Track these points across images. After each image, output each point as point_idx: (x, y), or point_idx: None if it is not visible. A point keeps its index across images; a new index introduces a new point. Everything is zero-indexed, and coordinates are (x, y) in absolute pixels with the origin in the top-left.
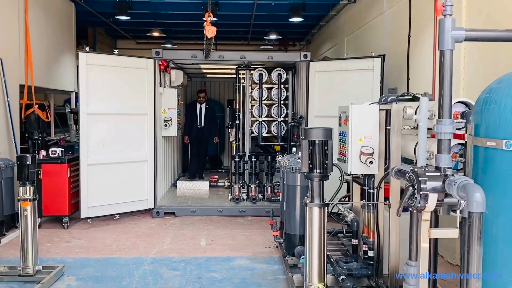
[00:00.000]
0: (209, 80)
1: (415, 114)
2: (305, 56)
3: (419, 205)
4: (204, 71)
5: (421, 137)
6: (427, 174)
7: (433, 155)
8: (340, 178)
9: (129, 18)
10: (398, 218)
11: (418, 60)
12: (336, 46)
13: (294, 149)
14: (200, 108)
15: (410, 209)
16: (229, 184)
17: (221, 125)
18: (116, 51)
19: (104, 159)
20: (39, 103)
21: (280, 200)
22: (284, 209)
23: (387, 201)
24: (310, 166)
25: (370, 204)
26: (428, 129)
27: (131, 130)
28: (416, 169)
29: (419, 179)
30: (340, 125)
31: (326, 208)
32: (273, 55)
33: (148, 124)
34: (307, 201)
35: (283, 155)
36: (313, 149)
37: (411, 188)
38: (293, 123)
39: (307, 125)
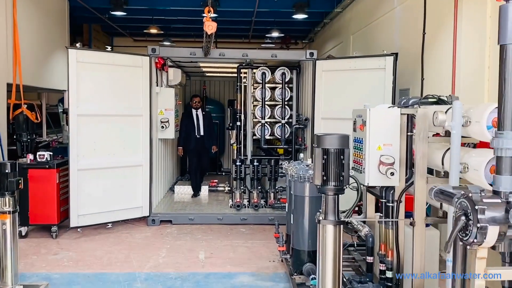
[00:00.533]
0: (208, 79)
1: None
2: (311, 54)
3: (475, 240)
4: (204, 69)
5: (455, 147)
6: (485, 201)
7: (467, 168)
8: (356, 189)
9: (125, 14)
10: (423, 236)
11: (434, 59)
12: (341, 44)
13: (301, 155)
14: (197, 115)
15: (461, 243)
16: (229, 189)
17: (221, 127)
18: (108, 48)
19: (95, 163)
20: (28, 103)
21: (286, 210)
22: (291, 222)
23: (411, 218)
24: (324, 178)
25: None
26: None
27: (125, 132)
28: (470, 194)
29: (476, 207)
30: (355, 130)
31: (341, 225)
32: (277, 53)
33: (144, 126)
34: (320, 218)
35: (289, 162)
36: (328, 158)
37: (463, 218)
38: (298, 125)
39: (313, 127)
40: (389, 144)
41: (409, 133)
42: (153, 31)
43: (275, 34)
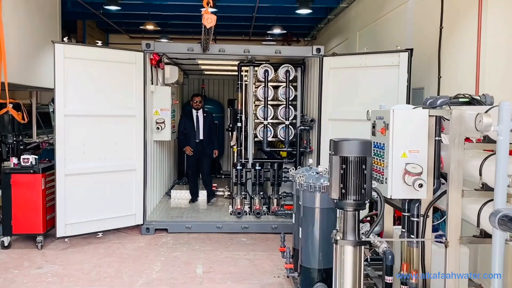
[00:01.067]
0: (207, 78)
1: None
2: (318, 50)
3: None
4: (202, 67)
5: (502, 155)
6: None
7: None
8: (376, 201)
9: (119, 8)
10: (457, 259)
11: (452, 55)
12: (346, 41)
13: (310, 160)
14: (197, 117)
15: None
16: (229, 193)
17: (220, 127)
18: (99, 43)
19: (84, 168)
20: (13, 103)
21: (293, 221)
22: (300, 236)
23: (444, 238)
24: (343, 191)
25: (413, 236)
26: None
27: (117, 134)
28: None
29: None
30: (374, 134)
31: (363, 246)
32: (281, 49)
33: (137, 127)
34: (338, 237)
35: (295, 167)
36: (347, 168)
37: None
38: (303, 127)
39: (319, 129)
40: (416, 150)
41: (437, 138)
42: (150, 27)
43: (277, 30)
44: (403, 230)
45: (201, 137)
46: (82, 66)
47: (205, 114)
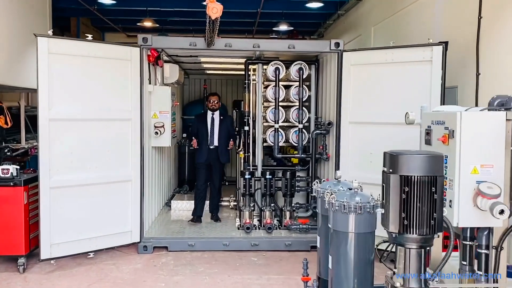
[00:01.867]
0: (209, 78)
1: None
2: (337, 44)
3: None
4: (205, 65)
5: None
6: None
7: None
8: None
9: (114, 3)
10: None
11: (493, 49)
12: (358, 38)
13: (338, 173)
14: (213, 119)
15: None
16: (235, 203)
17: None
18: (89, 36)
19: (73, 180)
20: None
21: (318, 245)
22: (330, 267)
23: None
24: (405, 222)
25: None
26: None
27: (110, 140)
28: None
29: None
30: (428, 143)
31: None
32: (295, 44)
33: (133, 132)
34: (397, 284)
35: (319, 181)
36: (411, 192)
37: None
38: (319, 131)
39: (338, 134)
40: (490, 165)
41: None
42: (148, 24)
43: (283, 27)
44: (464, 263)
45: (215, 143)
46: (70, 63)
47: (222, 117)
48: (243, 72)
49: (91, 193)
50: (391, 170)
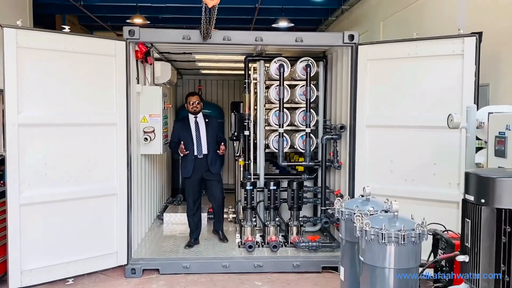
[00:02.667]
0: (204, 78)
1: None
2: (351, 37)
3: None
4: (200, 64)
5: None
6: None
7: None
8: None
9: None
10: None
11: None
12: (365, 34)
13: (367, 189)
14: (196, 124)
15: None
16: (234, 216)
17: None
18: (66, 28)
19: (47, 195)
20: None
21: (341, 280)
22: None
23: None
24: (506, 278)
25: None
26: None
27: (92, 149)
28: None
29: None
30: (501, 155)
31: None
32: (303, 37)
33: (119, 139)
34: None
35: (341, 197)
36: None
37: None
38: (329, 136)
39: (352, 139)
40: None
41: None
42: (138, 21)
43: (283, 23)
44: None
45: (204, 151)
46: (43, 59)
47: (207, 120)
48: (241, 72)
49: (70, 210)
50: (482, 201)
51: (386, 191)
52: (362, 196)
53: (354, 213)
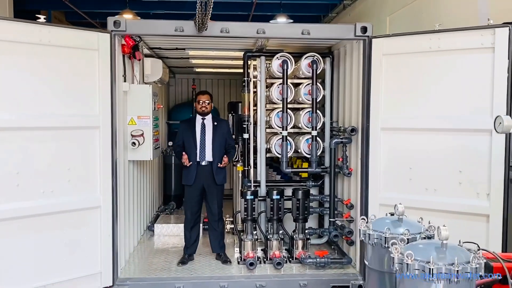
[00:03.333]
0: (199, 77)
1: None
2: (364, 29)
3: None
4: (194, 61)
5: None
6: None
7: None
8: None
9: None
10: None
11: None
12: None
13: (400, 207)
14: (203, 126)
15: None
16: (232, 226)
17: None
18: (42, 18)
19: (19, 209)
20: None
21: None
22: None
23: None
24: None
25: None
26: None
27: (71, 155)
28: None
29: None
30: None
31: None
32: (310, 29)
33: (102, 144)
34: None
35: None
36: None
37: None
38: (339, 139)
39: (366, 143)
40: None
41: None
42: (128, 16)
43: (281, 19)
44: None
45: (208, 157)
46: (14, 53)
47: (215, 123)
48: (239, 70)
49: (46, 225)
50: None
51: (404, 202)
52: (392, 214)
53: (385, 237)
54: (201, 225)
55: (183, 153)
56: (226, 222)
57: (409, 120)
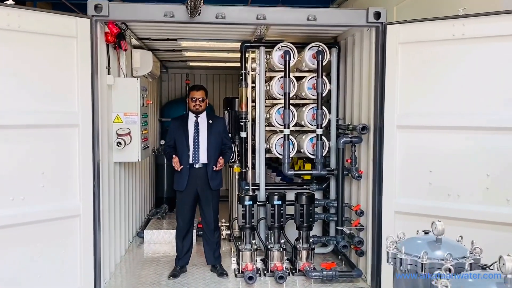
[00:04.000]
0: (193, 72)
1: None
2: (377, 15)
3: None
4: (187, 54)
5: None
6: None
7: None
8: None
9: None
10: None
11: None
12: None
13: (439, 224)
14: (197, 125)
15: None
16: (228, 232)
17: None
18: (10, 0)
19: None
20: None
21: None
22: None
23: None
24: None
25: None
26: None
27: (46, 158)
28: None
29: None
30: None
31: None
32: (316, 14)
33: (82, 144)
34: None
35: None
36: None
37: None
38: (347, 139)
39: (379, 142)
40: None
41: None
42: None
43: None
44: None
45: (202, 159)
46: None
47: (210, 121)
48: (235, 64)
49: (16, 238)
50: None
51: (423, 209)
52: (426, 233)
53: (422, 263)
54: (194, 231)
55: (174, 155)
56: (222, 227)
57: (429, 117)
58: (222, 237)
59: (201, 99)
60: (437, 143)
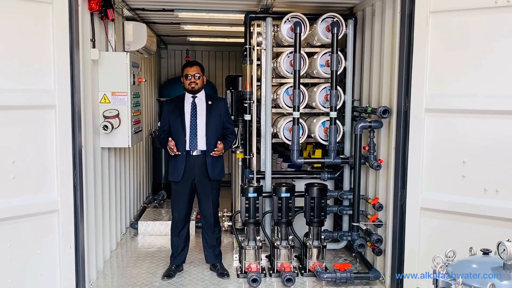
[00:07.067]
0: (193, 49)
1: None
2: None
3: None
4: (186, 28)
5: None
6: None
7: None
8: None
9: None
10: None
11: None
12: None
13: (508, 246)
14: (194, 107)
15: None
16: (229, 224)
17: None
18: None
19: None
20: None
21: None
22: None
23: None
24: None
25: None
26: None
27: (16, 144)
28: None
29: None
30: None
31: None
32: None
33: (59, 128)
34: None
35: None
36: None
37: None
38: (366, 123)
39: (404, 128)
40: None
41: None
42: None
43: None
44: None
45: (201, 146)
46: None
47: (210, 102)
48: (239, 40)
49: None
50: None
51: (454, 206)
52: (486, 253)
53: None
54: (193, 223)
55: (169, 138)
56: (223, 218)
57: (464, 100)
58: (223, 229)
59: (197, 75)
60: (473, 129)
